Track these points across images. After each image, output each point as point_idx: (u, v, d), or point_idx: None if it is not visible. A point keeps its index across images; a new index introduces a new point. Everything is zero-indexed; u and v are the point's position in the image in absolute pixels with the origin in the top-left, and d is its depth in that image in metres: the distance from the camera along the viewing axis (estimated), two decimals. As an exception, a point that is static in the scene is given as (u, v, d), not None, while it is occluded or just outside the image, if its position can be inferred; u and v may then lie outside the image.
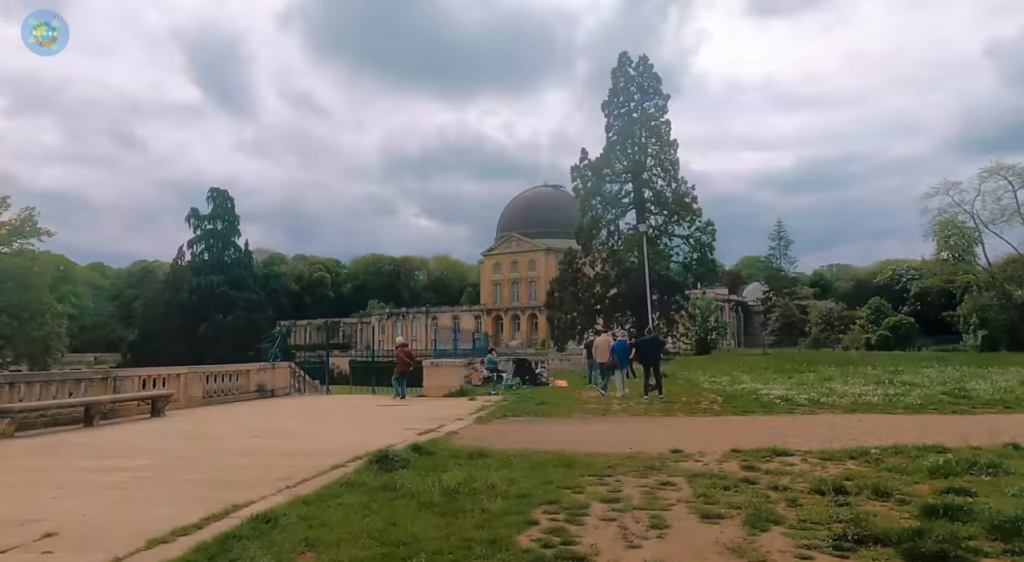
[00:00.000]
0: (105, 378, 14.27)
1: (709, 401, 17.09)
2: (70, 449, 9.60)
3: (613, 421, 13.30)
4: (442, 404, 17.79)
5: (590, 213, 61.15)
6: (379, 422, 13.51)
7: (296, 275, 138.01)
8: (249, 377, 20.19)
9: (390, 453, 7.99)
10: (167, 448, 9.63)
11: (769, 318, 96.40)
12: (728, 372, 30.30)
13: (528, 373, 24.93)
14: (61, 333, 67.16)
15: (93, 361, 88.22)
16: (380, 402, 18.97)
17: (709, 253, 60.72)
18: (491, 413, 14.72)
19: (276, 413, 15.76)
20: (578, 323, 61.93)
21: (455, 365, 21.31)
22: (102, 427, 12.65)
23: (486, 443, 10.03)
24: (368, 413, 15.66)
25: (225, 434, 11.41)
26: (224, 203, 77.71)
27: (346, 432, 11.84)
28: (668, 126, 60.88)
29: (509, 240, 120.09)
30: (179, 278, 73.83)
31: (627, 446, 9.54)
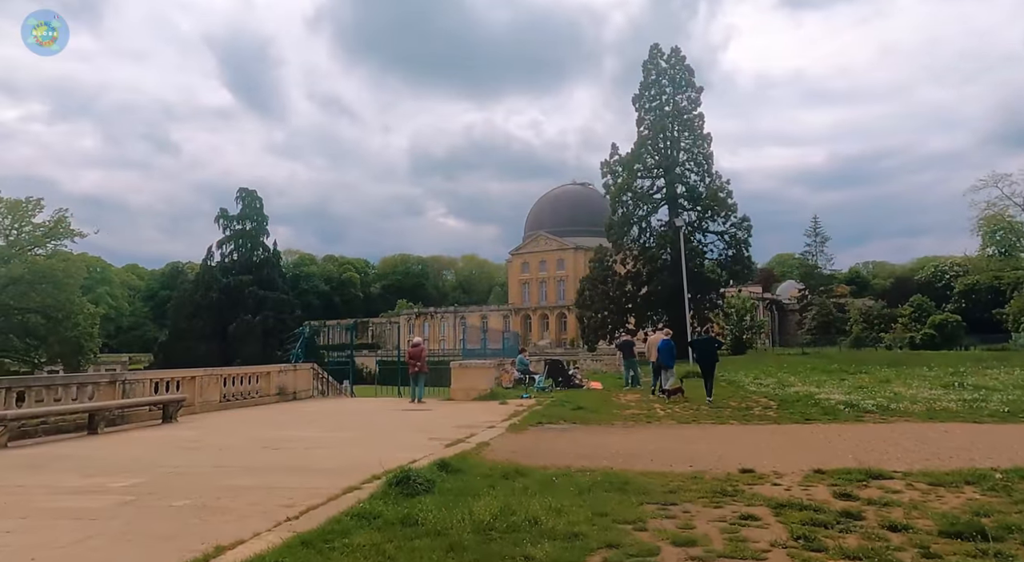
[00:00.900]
0: (113, 382, 13.40)
1: (761, 406, 15.67)
2: (59, 464, 8.63)
3: (661, 430, 12.00)
4: (471, 409, 16.64)
5: (621, 209, 59.65)
6: (403, 430, 12.39)
7: (326, 276, 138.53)
8: (270, 379, 19.28)
9: (412, 473, 6.83)
10: (166, 462, 8.61)
11: (805, 317, 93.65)
12: (771, 373, 28.70)
13: (561, 374, 23.66)
14: (93, 333, 67.52)
15: (128, 361, 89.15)
16: (405, 406, 17.89)
17: (745, 249, 58.76)
18: (525, 419, 13.52)
19: (294, 419, 14.76)
20: (609, 322, 60.45)
21: (484, 366, 20.15)
22: (107, 435, 11.75)
23: (522, 457, 8.83)
24: (392, 419, 14.57)
25: (234, 444, 10.39)
26: (253, 203, 77.73)
27: (366, 442, 10.74)
28: (701, 119, 59.14)
29: (537, 239, 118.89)
30: (208, 278, 73.96)
31: (685, 462, 8.27)
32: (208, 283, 73.81)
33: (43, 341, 64.63)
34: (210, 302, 71.86)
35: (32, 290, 62.59)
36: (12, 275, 60.72)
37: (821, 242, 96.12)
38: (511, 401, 18.46)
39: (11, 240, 66.56)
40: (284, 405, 18.51)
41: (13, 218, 66.17)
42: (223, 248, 76.45)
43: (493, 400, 18.90)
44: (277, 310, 71.61)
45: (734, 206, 58.02)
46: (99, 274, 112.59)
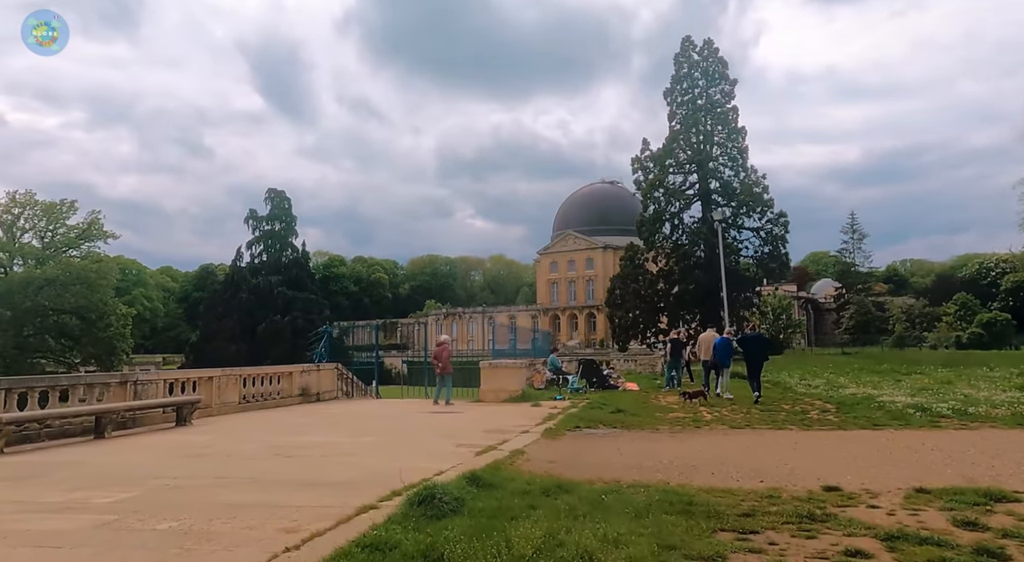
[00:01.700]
0: (124, 382, 12.65)
1: (818, 409, 14.38)
2: (49, 474, 7.81)
3: (713, 436, 10.83)
4: (502, 411, 15.61)
5: (652, 206, 58.19)
6: (428, 436, 11.41)
7: (355, 277, 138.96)
8: (292, 380, 18.48)
9: (437, 490, 5.82)
10: (165, 472, 7.73)
11: (842, 316, 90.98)
12: (816, 373, 27.25)
13: (596, 375, 22.53)
14: (126, 334, 68.06)
15: (161, 361, 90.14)
16: (431, 408, 16.94)
17: (781, 246, 56.80)
18: (561, 423, 12.45)
19: (314, 422, 13.89)
20: (640, 322, 59.04)
21: (515, 366, 19.10)
22: (114, 440, 10.97)
23: (563, 468, 7.78)
24: (417, 423, 13.61)
25: (246, 451, 9.50)
26: (282, 204, 77.79)
27: (388, 449, 9.77)
28: (735, 113, 57.40)
29: (565, 238, 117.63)
30: (238, 279, 74.13)
31: (752, 476, 7.13)
32: (237, 284, 73.96)
33: (77, 342, 65.29)
34: (239, 302, 71.97)
35: (66, 291, 63.24)
36: (47, 276, 61.46)
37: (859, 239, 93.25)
38: (544, 403, 17.41)
39: (46, 242, 67.56)
40: (306, 407, 17.69)
41: (48, 220, 67.15)
42: (252, 249, 76.62)
43: (525, 402, 17.87)
44: (306, 310, 71.41)
45: (770, 201, 56.16)
46: (135, 276, 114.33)
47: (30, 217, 66.47)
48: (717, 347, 18.03)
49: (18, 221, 65.77)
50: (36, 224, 66.87)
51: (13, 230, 65.55)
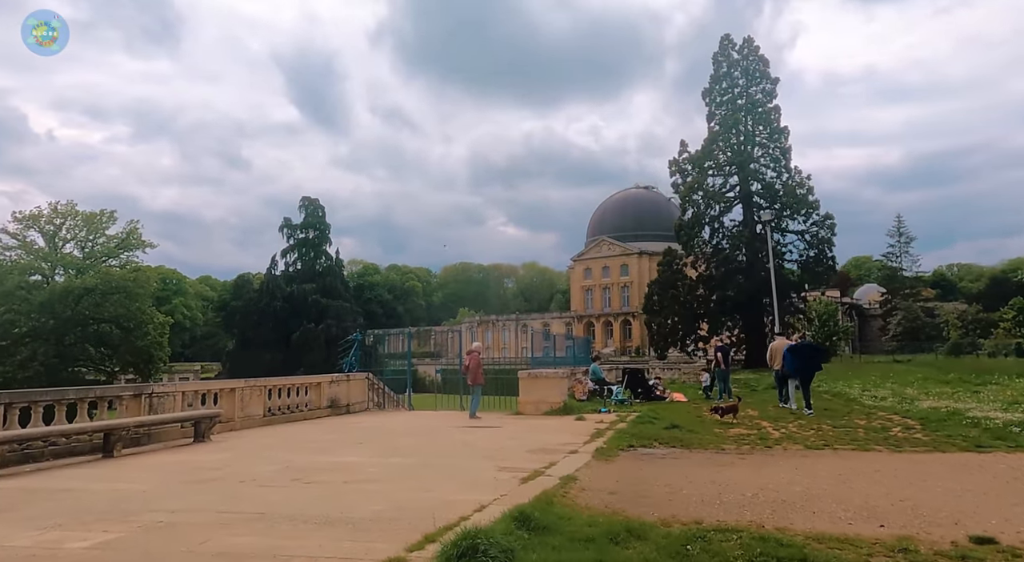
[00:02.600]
0: (138, 395, 11.74)
1: (900, 426, 12.80)
2: (35, 503, 6.82)
3: (792, 459, 9.42)
4: (544, 426, 14.36)
5: (691, 209, 56.50)
6: (465, 456, 10.21)
7: (389, 285, 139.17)
8: (320, 390, 17.50)
9: (481, 539, 4.62)
10: (163, 503, 6.68)
11: (889, 322, 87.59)
12: (878, 383, 25.36)
13: (641, 385, 21.14)
14: (163, 343, 68.60)
15: (200, 370, 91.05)
16: (466, 422, 15.77)
17: (828, 249, 54.56)
18: (612, 441, 11.16)
19: (341, 438, 12.81)
20: (680, 328, 57.21)
21: (556, 376, 17.82)
22: (122, 459, 10.03)
23: (627, 502, 6.51)
24: (452, 440, 12.42)
25: (261, 474, 8.42)
26: (316, 212, 77.77)
27: (420, 474, 8.59)
28: (777, 112, 55.43)
29: (600, 244, 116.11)
30: (272, 287, 74.18)
31: (867, 517, 5.78)
32: (272, 292, 74.01)
33: (116, 350, 65.91)
34: (274, 310, 71.96)
35: (106, 300, 63.94)
36: (87, 286, 62.17)
37: (906, 242, 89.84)
38: (588, 416, 16.12)
39: (86, 252, 68.51)
40: (335, 420, 16.66)
41: (88, 230, 68.10)
42: (287, 257, 76.68)
43: (567, 415, 16.59)
44: (340, 318, 71.07)
45: (816, 203, 53.99)
46: (175, 285, 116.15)
47: (71, 227, 67.52)
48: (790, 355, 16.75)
49: (60, 231, 66.83)
50: (77, 234, 67.89)
51: (55, 240, 66.61)
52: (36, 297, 59.97)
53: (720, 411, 14.87)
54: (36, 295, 60.22)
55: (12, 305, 58.84)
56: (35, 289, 61.64)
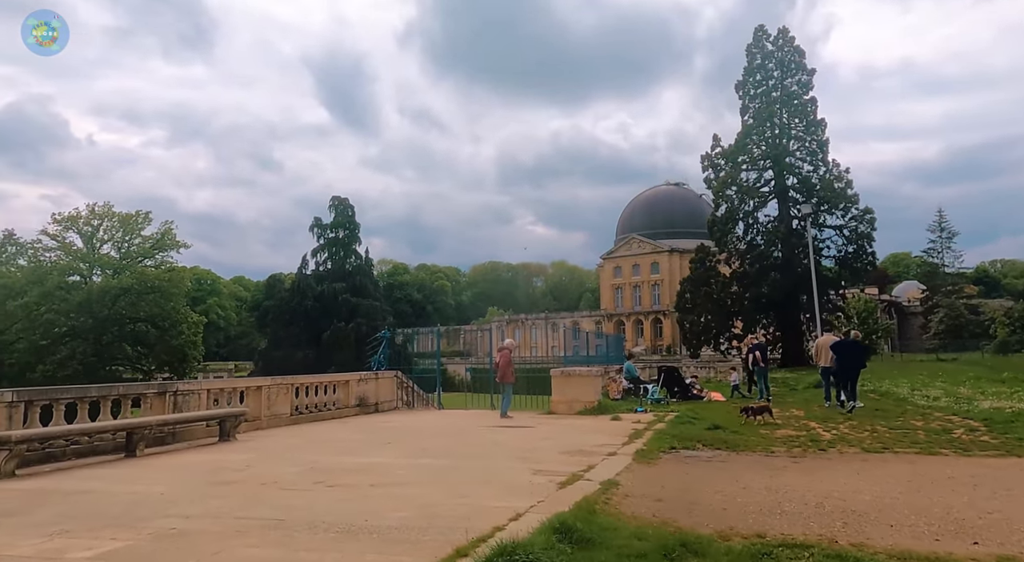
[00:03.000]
0: (162, 393, 11.46)
1: (963, 428, 11.95)
2: (47, 506, 6.49)
3: (851, 463, 8.71)
4: (578, 426, 13.79)
5: (725, 205, 55.20)
6: (498, 458, 9.69)
7: (418, 284, 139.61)
8: (348, 389, 17.14)
9: (518, 554, 4.10)
10: (179, 508, 6.28)
11: (930, 320, 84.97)
12: (926, 382, 24.25)
13: (678, 384, 20.44)
14: (197, 342, 69.49)
15: (234, 368, 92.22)
16: (497, 421, 15.27)
17: (867, 245, 52.85)
18: (652, 443, 10.55)
19: (369, 438, 12.39)
20: (713, 326, 56.01)
21: (590, 374, 17.21)
22: (145, 458, 9.72)
23: (677, 511, 5.93)
24: (483, 441, 11.92)
25: (284, 476, 8.01)
26: (345, 211, 78.07)
27: (450, 477, 8.09)
28: (814, 104, 53.90)
29: (630, 242, 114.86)
30: (303, 286, 74.65)
31: (957, 532, 5.11)
32: (303, 291, 74.48)
33: (152, 349, 66.96)
34: (305, 309, 72.40)
35: (141, 300, 64.98)
36: (123, 285, 63.19)
37: (948, 238, 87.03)
38: (624, 416, 15.49)
39: (123, 252, 69.68)
40: (363, 419, 16.30)
41: (124, 231, 69.23)
42: (317, 256, 77.10)
43: (602, 414, 15.99)
44: (370, 317, 71.22)
45: (854, 197, 52.31)
46: (209, 286, 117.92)
47: (108, 228, 68.71)
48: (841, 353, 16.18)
49: (97, 232, 68.04)
50: (114, 235, 69.07)
51: (93, 241, 67.85)
52: (75, 297, 61.14)
53: (750, 412, 13.99)
54: (75, 295, 61.40)
55: (52, 305, 60.04)
56: (74, 289, 62.85)
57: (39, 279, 61.19)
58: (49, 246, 67.30)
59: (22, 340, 59.35)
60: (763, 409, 14.11)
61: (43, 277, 61.65)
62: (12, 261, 71.67)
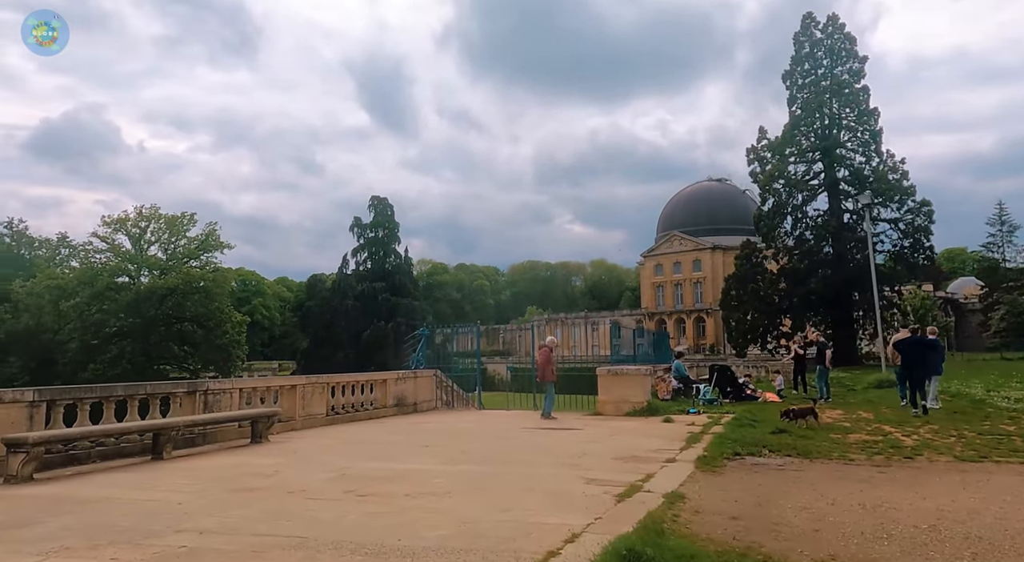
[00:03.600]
0: (192, 392, 10.97)
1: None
2: (55, 516, 5.95)
3: (946, 474, 7.66)
4: (628, 428, 12.90)
5: (771, 199, 53.32)
6: (545, 464, 8.88)
7: (457, 284, 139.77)
8: (386, 388, 16.55)
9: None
10: (194, 522, 5.66)
11: (991, 317, 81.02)
12: (1000, 382, 22.65)
13: (731, 384, 19.31)
14: (241, 341, 70.31)
15: (277, 367, 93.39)
16: (540, 423, 14.48)
17: (925, 238, 50.42)
18: (713, 448, 9.62)
19: (406, 441, 11.72)
20: (760, 325, 54.17)
21: (639, 374, 16.26)
22: (172, 461, 9.21)
23: (759, 531, 5.05)
24: (527, 444, 11.13)
25: (313, 484, 7.36)
26: (384, 211, 78.34)
27: (493, 486, 7.33)
28: (866, 93, 51.66)
29: (671, 239, 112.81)
30: (344, 286, 75.18)
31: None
32: (343, 291, 74.98)
33: (196, 348, 68.01)
34: (346, 309, 72.86)
35: (187, 300, 66.00)
36: (169, 286, 64.29)
37: (1008, 232, 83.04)
38: (676, 417, 14.54)
39: (169, 253, 70.99)
40: (401, 419, 15.67)
41: (171, 232, 70.52)
42: (357, 256, 77.56)
43: (652, 416, 15.05)
44: (409, 316, 71.23)
45: (910, 188, 49.96)
46: (254, 287, 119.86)
47: (155, 230, 69.99)
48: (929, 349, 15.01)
49: (145, 234, 69.40)
50: (160, 237, 70.35)
51: (140, 243, 69.22)
52: (123, 297, 62.38)
53: (791, 414, 12.74)
54: (123, 295, 62.64)
55: (102, 305, 61.39)
56: (123, 290, 64.15)
57: (90, 280, 62.62)
58: (99, 248, 68.96)
59: (74, 340, 60.76)
60: (806, 411, 12.81)
61: (93, 278, 63.07)
62: (65, 263, 73.79)
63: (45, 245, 77.27)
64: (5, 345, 60.76)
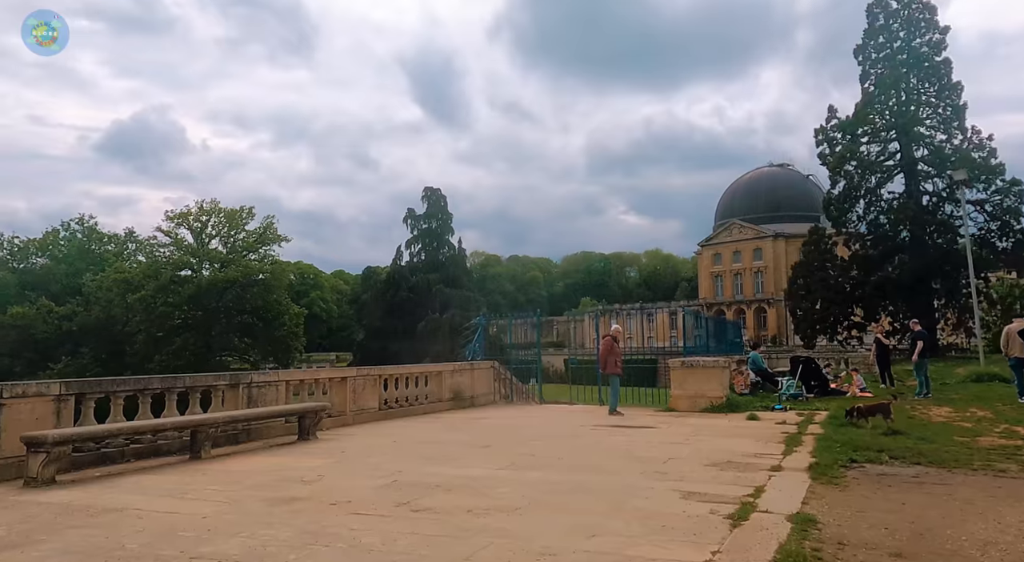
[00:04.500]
0: (235, 385, 10.12)
1: None
2: (58, 532, 5.09)
3: None
4: (712, 427, 11.52)
5: (842, 181, 50.19)
6: (628, 471, 7.62)
7: (511, 276, 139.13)
8: (442, 381, 15.56)
9: None
10: (215, 543, 4.68)
11: (1087, 307, 75.28)
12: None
13: (816, 377, 17.61)
14: (299, 333, 71.20)
15: (335, 359, 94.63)
16: (608, 419, 13.23)
17: (1016, 221, 46.58)
18: (821, 453, 8.21)
19: (465, 440, 10.65)
20: (831, 314, 51.25)
21: (717, 366, 14.78)
22: (210, 461, 8.36)
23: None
24: (602, 446, 9.88)
25: (360, 493, 6.33)
26: (438, 201, 77.95)
27: (572, 502, 6.14)
28: (948, 66, 47.90)
29: (730, 227, 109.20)
30: (398, 278, 75.17)
31: None
32: (398, 283, 74.97)
33: (256, 340, 69.14)
34: (400, 300, 72.82)
35: (246, 292, 67.12)
36: (229, 278, 65.43)
37: (1104, 213, 76.73)
38: (762, 414, 13.09)
39: (229, 246, 72.31)
40: (458, 414, 14.65)
41: (230, 226, 71.80)
42: (411, 248, 77.46)
43: (732, 412, 13.63)
44: (463, 308, 70.70)
45: (999, 167, 46.12)
46: (312, 280, 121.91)
47: (215, 224, 71.38)
48: None
49: (206, 228, 70.83)
50: (220, 230, 71.70)
51: (202, 236, 70.69)
52: (186, 290, 63.82)
53: (856, 413, 11.09)
54: (186, 288, 64.08)
55: (167, 298, 62.96)
56: (185, 283, 65.63)
57: (155, 273, 64.28)
58: (163, 242, 70.83)
59: (141, 332, 62.50)
60: (878, 408, 11.01)
61: (158, 271, 64.73)
62: (132, 257, 76.12)
63: (113, 240, 79.93)
64: (78, 337, 62.98)
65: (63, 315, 62.78)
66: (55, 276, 72.00)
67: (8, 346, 59.95)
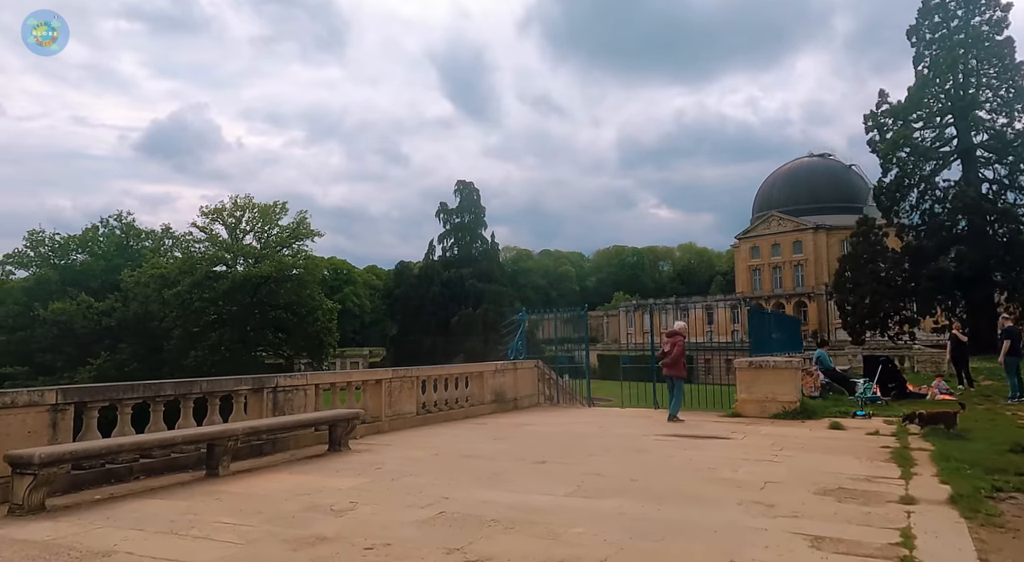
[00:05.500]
0: (259, 390, 9.05)
1: None
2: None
3: None
4: (796, 438, 10.11)
5: (894, 169, 47.82)
6: (722, 502, 6.25)
7: (542, 270, 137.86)
8: (483, 382, 14.37)
9: None
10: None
11: None
12: None
13: (894, 379, 16.02)
14: (332, 328, 70.82)
15: (368, 354, 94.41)
16: (670, 428, 11.90)
17: (1082, 210, 43.87)
18: (950, 476, 6.80)
19: (513, 450, 9.41)
20: (880, 309, 48.94)
21: (789, 366, 13.29)
22: (228, 480, 7.25)
23: None
24: (677, 463, 8.51)
25: (399, 531, 5.15)
26: (470, 195, 76.97)
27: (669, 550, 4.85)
28: (1010, 45, 45.11)
29: (768, 220, 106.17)
30: (431, 273, 74.43)
31: None
32: (430, 278, 74.25)
33: (290, 335, 68.98)
34: (433, 295, 72.09)
35: (280, 288, 66.91)
36: (263, 274, 65.26)
37: None
38: (844, 422, 11.62)
39: (263, 242, 72.24)
40: (502, 419, 13.45)
41: (264, 221, 71.69)
42: (444, 242, 76.70)
43: (808, 418, 12.20)
44: (496, 303, 69.65)
45: (1067, 153, 43.41)
46: (345, 276, 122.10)
47: (249, 219, 71.31)
48: None
49: (240, 223, 70.82)
50: (254, 226, 71.61)
51: (236, 232, 70.70)
52: (221, 285, 63.79)
53: (918, 419, 9.89)
54: (221, 284, 64.06)
55: (203, 294, 63.00)
56: (220, 278, 65.62)
57: (190, 269, 64.36)
58: (198, 238, 71.00)
59: (178, 327, 62.67)
60: (942, 417, 9.79)
61: (193, 267, 64.81)
62: (169, 253, 76.59)
63: (151, 236, 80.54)
64: (116, 332, 63.43)
65: (102, 310, 63.29)
66: (94, 272, 72.73)
67: (49, 341, 60.65)
